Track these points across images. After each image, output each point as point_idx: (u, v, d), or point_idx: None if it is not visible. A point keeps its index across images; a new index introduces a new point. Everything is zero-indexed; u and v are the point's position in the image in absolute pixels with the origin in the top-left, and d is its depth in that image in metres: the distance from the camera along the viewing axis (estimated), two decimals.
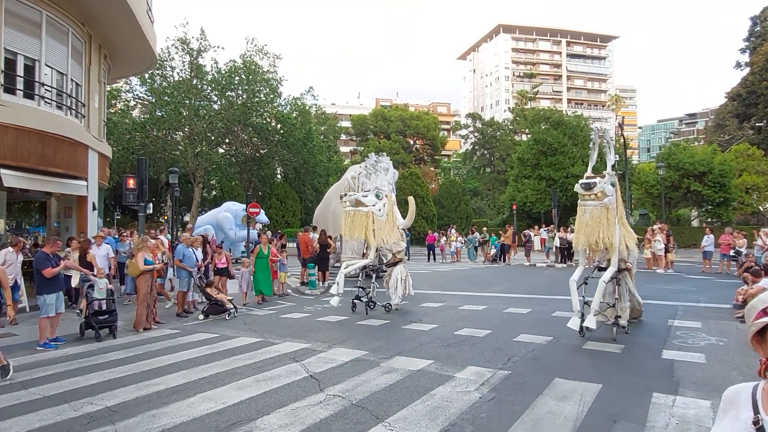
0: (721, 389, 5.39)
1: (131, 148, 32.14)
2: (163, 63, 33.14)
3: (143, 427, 4.62)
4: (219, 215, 25.14)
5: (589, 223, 7.81)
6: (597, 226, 7.74)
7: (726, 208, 32.65)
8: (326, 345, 7.88)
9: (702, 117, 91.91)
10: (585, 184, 7.83)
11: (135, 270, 9.70)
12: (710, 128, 55.56)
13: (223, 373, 6.37)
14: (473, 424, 4.57)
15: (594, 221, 7.77)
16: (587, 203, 7.88)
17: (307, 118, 41.00)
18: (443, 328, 9.00)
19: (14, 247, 10.31)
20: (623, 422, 4.55)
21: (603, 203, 7.74)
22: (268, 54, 37.13)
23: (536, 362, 6.71)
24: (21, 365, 7.02)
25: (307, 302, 12.91)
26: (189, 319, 10.72)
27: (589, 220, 7.83)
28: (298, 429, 4.51)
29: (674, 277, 16.66)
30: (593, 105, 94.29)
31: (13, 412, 5.05)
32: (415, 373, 6.24)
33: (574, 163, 37.26)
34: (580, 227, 8.02)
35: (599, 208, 7.78)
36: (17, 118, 11.60)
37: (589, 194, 7.81)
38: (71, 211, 14.98)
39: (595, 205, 7.80)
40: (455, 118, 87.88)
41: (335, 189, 20.00)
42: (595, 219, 7.77)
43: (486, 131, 63.17)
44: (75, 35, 13.90)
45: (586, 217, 7.88)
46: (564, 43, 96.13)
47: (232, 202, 27.35)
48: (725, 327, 8.70)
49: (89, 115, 14.97)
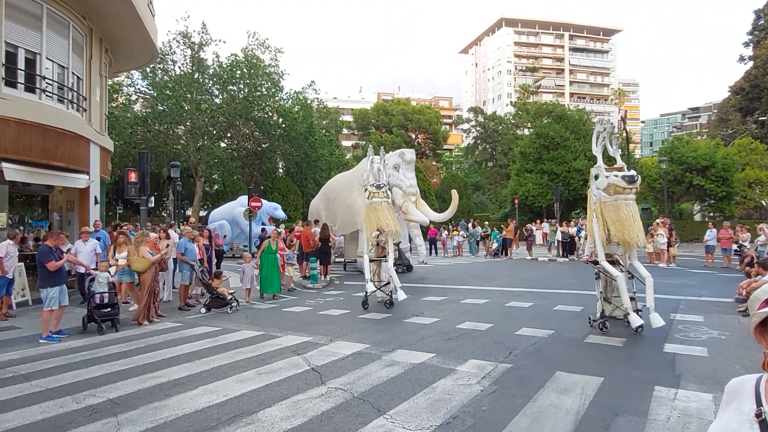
0: (723, 383, 5.39)
1: (133, 143, 32.15)
2: (165, 57, 33.10)
3: (145, 419, 4.64)
4: (235, 210, 25.02)
5: (631, 217, 7.55)
6: (637, 221, 7.56)
7: (729, 203, 32.56)
8: (328, 338, 7.89)
9: (705, 111, 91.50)
10: (630, 177, 7.52)
11: (139, 264, 9.70)
12: (713, 122, 55.33)
13: (225, 366, 6.39)
14: (474, 417, 4.57)
15: (634, 216, 7.58)
16: (629, 197, 7.63)
17: (309, 112, 40.96)
18: (445, 322, 9.00)
19: (14, 239, 10.15)
20: (625, 415, 4.55)
21: (633, 197, 7.65)
22: (270, 48, 37.08)
23: (538, 356, 6.71)
24: (24, 358, 7.06)
25: (309, 296, 12.92)
26: (191, 313, 10.75)
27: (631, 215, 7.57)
28: (300, 421, 4.52)
29: (676, 272, 16.63)
30: (596, 99, 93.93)
31: (15, 404, 5.08)
32: (416, 366, 6.24)
33: (576, 157, 37.17)
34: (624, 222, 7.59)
35: (633, 203, 7.66)
36: (18, 112, 11.58)
37: (632, 188, 7.57)
38: (73, 205, 14.98)
39: (633, 199, 7.66)
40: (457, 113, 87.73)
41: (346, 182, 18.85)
42: (634, 214, 7.60)
43: (488, 125, 63.06)
44: (76, 28, 13.85)
45: (626, 212, 7.57)
46: (567, 37, 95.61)
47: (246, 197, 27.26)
48: (727, 321, 8.69)
49: (90, 109, 14.94)
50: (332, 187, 19.95)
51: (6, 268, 9.67)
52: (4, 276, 9.71)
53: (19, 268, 11.02)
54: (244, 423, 4.50)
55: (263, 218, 24.85)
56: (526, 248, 24.56)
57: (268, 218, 25.39)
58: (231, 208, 25.73)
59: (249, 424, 4.47)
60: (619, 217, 7.69)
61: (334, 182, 20.63)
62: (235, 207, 25.38)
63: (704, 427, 4.27)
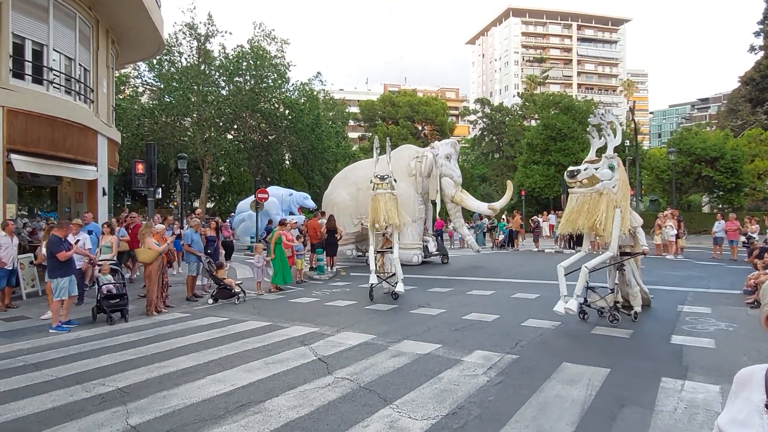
0: (730, 374, 5.37)
1: (140, 134, 32.25)
2: (171, 48, 33.11)
3: (154, 407, 4.69)
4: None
5: (575, 209, 7.79)
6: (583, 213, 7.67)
7: (738, 194, 32.27)
8: (334, 329, 7.93)
9: (714, 102, 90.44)
10: (569, 172, 7.86)
11: (146, 256, 9.76)
12: (723, 113, 54.69)
13: (232, 356, 6.44)
14: (480, 407, 4.59)
15: (579, 207, 7.74)
16: (574, 190, 7.89)
17: (315, 103, 40.86)
18: (451, 313, 9.01)
19: (5, 229, 9.82)
20: (631, 406, 4.55)
21: (594, 189, 7.64)
22: (276, 39, 36.97)
23: (544, 347, 6.71)
24: (34, 347, 7.14)
25: (316, 287, 12.97)
26: (198, 303, 10.82)
27: (575, 207, 7.81)
28: (307, 411, 4.55)
29: (684, 263, 16.54)
30: (604, 90, 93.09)
31: (26, 393, 5.15)
32: (422, 356, 6.26)
33: (583, 148, 36.85)
34: (567, 213, 8.03)
35: (588, 194, 7.70)
36: (26, 104, 11.65)
37: (573, 182, 7.79)
38: (82, 196, 15.10)
39: (584, 192, 7.74)
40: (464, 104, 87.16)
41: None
42: (581, 205, 7.72)
43: (495, 117, 62.63)
44: (82, 20, 13.88)
45: (572, 204, 7.89)
46: (575, 27, 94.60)
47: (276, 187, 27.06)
48: (735, 312, 8.64)
49: (98, 101, 15.01)
50: (361, 177, 18.21)
51: (4, 259, 9.54)
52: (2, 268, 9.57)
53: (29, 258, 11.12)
54: (252, 412, 4.54)
55: (293, 208, 24.54)
56: (533, 240, 24.49)
57: (298, 208, 25.04)
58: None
59: (256, 413, 4.50)
60: (567, 209, 8.07)
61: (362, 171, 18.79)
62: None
63: (711, 418, 4.26)
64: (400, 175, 16.58)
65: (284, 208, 24.20)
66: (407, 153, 17.90)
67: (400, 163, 17.01)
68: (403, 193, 16.28)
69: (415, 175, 16.93)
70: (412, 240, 16.83)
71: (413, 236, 16.91)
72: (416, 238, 17.10)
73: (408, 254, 16.61)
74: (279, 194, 24.87)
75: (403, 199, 16.22)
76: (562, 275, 7.99)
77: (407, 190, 16.57)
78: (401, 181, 16.51)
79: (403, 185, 16.47)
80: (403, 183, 16.55)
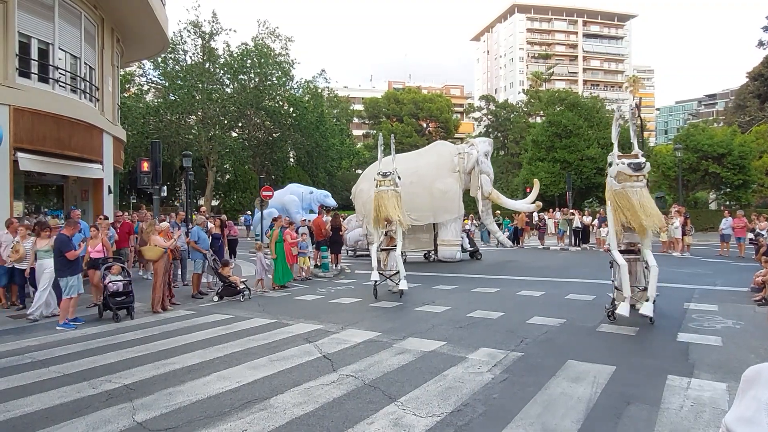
0: (737, 372, 5.35)
1: (145, 132, 32.39)
2: (176, 46, 33.20)
3: (160, 404, 4.71)
4: (284, 198, 24.50)
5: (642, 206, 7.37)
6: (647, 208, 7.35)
7: (745, 191, 32.03)
8: (339, 326, 7.94)
9: (722, 98, 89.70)
10: (636, 164, 7.38)
11: (152, 253, 9.80)
12: (730, 109, 54.24)
13: (237, 353, 6.46)
14: (485, 405, 4.58)
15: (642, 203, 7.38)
16: (635, 185, 7.46)
17: (320, 101, 40.90)
18: (456, 310, 9.01)
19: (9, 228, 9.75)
20: (637, 404, 4.53)
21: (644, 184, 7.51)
22: (280, 37, 36.99)
23: (549, 344, 6.69)
24: (41, 344, 7.19)
25: (321, 284, 12.99)
26: (204, 301, 10.86)
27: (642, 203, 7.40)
28: (312, 407, 4.56)
29: (691, 261, 16.45)
30: (610, 86, 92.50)
31: (34, 390, 5.19)
32: (427, 354, 6.26)
33: (589, 145, 36.78)
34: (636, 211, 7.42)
35: (645, 189, 7.52)
36: (32, 102, 11.71)
37: (639, 175, 7.42)
38: (87, 195, 15.17)
39: (642, 186, 7.50)
40: (468, 101, 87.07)
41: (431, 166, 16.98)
42: (648, 201, 7.44)
43: (500, 113, 62.49)
44: (87, 18, 13.92)
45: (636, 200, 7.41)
46: (580, 23, 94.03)
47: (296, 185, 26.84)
48: (742, 310, 8.59)
49: (103, 99, 15.07)
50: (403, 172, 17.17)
51: (4, 257, 9.47)
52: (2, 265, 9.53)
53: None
54: (257, 409, 4.56)
55: (313, 205, 24.39)
56: (538, 237, 24.42)
57: (318, 206, 24.79)
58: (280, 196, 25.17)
59: (261, 410, 4.52)
60: (630, 204, 7.57)
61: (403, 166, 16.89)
62: (284, 195, 24.90)
63: (718, 416, 4.24)
64: (445, 171, 16.73)
65: (304, 206, 24.00)
66: (447, 150, 17.88)
67: (443, 160, 17.06)
68: (450, 189, 16.46)
69: (458, 171, 16.93)
70: (454, 236, 16.93)
71: (455, 233, 17.00)
72: (458, 234, 17.20)
73: (451, 251, 16.77)
74: (299, 192, 24.68)
75: (449, 195, 16.40)
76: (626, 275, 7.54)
77: (453, 186, 16.64)
78: (447, 177, 16.66)
79: (449, 181, 16.59)
80: (449, 179, 16.61)
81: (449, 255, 16.78)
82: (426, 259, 17.87)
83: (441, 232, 16.89)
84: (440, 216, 16.58)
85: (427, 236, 17.51)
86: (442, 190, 16.38)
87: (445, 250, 16.85)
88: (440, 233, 16.91)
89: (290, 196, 24.36)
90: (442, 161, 16.99)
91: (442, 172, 16.73)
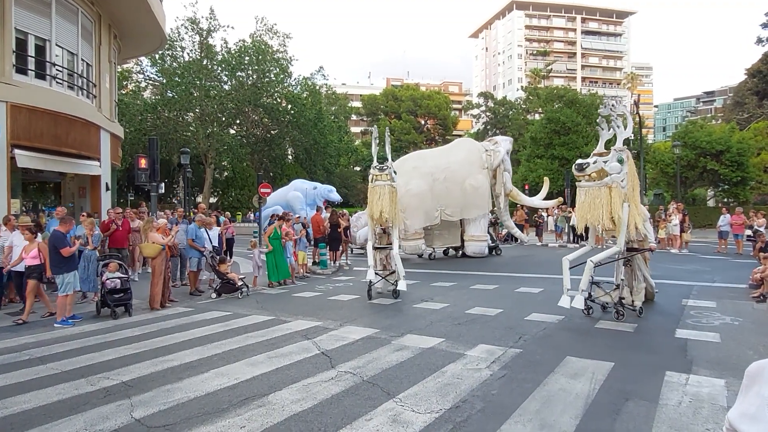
0: (735, 368, 5.36)
1: (143, 130, 32.29)
2: (173, 43, 33.09)
3: (158, 401, 4.70)
4: (289, 195, 24.34)
5: (585, 203, 7.70)
6: (595, 207, 7.57)
7: (743, 188, 32.06)
8: (337, 323, 7.93)
9: (720, 95, 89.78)
10: (578, 165, 7.72)
11: (150, 250, 9.77)
12: (728, 106, 54.31)
13: (235, 350, 6.45)
14: (484, 401, 4.58)
15: (590, 201, 7.63)
16: (582, 184, 7.78)
17: (318, 98, 40.80)
18: (454, 307, 9.01)
19: (7, 225, 9.62)
20: (635, 400, 4.53)
21: (603, 182, 7.52)
22: (278, 33, 36.88)
23: (547, 341, 6.69)
24: (39, 341, 7.17)
25: (319, 281, 12.98)
26: (202, 298, 10.85)
27: (585, 201, 7.71)
28: (310, 404, 4.55)
29: (689, 257, 16.48)
30: (608, 83, 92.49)
31: (32, 386, 5.17)
32: (426, 350, 6.26)
33: (587, 142, 36.72)
34: (578, 208, 7.95)
35: (597, 188, 7.59)
36: (30, 99, 11.66)
37: (581, 175, 7.68)
38: (85, 192, 15.14)
39: (592, 185, 7.63)
40: (467, 98, 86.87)
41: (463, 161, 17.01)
42: (592, 199, 7.62)
43: (498, 110, 62.46)
44: (84, 14, 13.86)
45: (582, 198, 7.79)
46: (579, 20, 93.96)
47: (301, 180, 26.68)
48: (740, 307, 8.60)
49: (100, 96, 15.01)
50: (435, 166, 17.08)
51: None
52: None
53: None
54: (255, 405, 4.55)
55: (318, 201, 24.22)
56: (536, 234, 24.42)
57: (323, 201, 24.50)
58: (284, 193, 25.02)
59: (260, 407, 4.51)
60: (578, 204, 7.96)
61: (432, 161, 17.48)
62: (288, 191, 24.79)
63: (716, 412, 4.24)
64: (475, 168, 16.92)
65: (309, 202, 23.85)
66: (475, 147, 18.00)
67: (473, 157, 17.24)
68: (481, 185, 16.68)
69: (486, 168, 17.09)
70: (482, 232, 17.12)
71: (483, 228, 17.21)
72: (485, 230, 17.45)
73: (480, 246, 16.96)
74: (303, 188, 24.52)
75: (480, 191, 16.65)
76: (566, 268, 7.95)
77: (483, 183, 16.83)
78: (477, 173, 16.82)
79: (480, 177, 16.78)
80: (480, 175, 16.81)
81: (478, 250, 16.95)
82: (445, 255, 18.18)
83: (469, 227, 17.00)
84: (469, 212, 16.76)
85: (452, 232, 17.77)
86: (474, 186, 16.60)
87: (474, 246, 17.02)
88: (468, 229, 17.03)
89: (294, 192, 24.22)
90: (472, 158, 17.19)
91: (473, 169, 16.94)
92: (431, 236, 17.68)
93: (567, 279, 7.90)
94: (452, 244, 17.92)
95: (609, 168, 7.51)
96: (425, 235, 17.04)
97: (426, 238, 17.11)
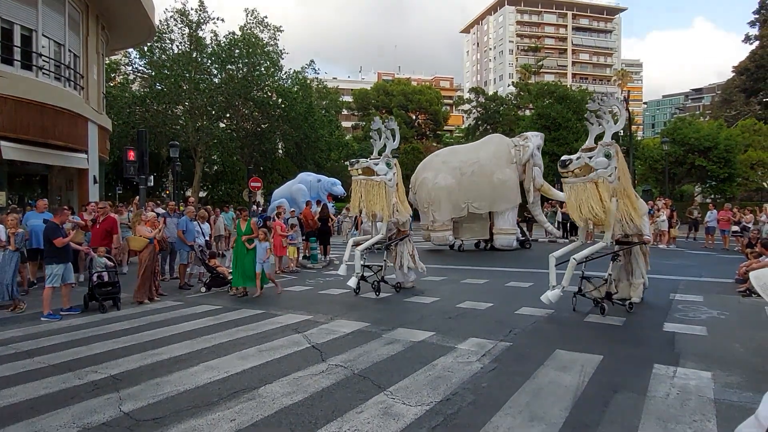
0: (721, 361, 5.43)
1: (131, 123, 31.86)
2: (162, 35, 32.64)
3: (147, 394, 4.67)
4: (293, 187, 23.88)
5: (573, 199, 7.72)
6: (581, 203, 7.57)
7: (730, 184, 32.49)
8: (328, 317, 7.92)
9: (708, 92, 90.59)
10: (562, 161, 7.73)
11: (137, 243, 9.68)
12: (716, 103, 54.90)
13: (225, 344, 6.42)
14: (474, 394, 4.60)
15: (577, 198, 7.64)
16: (567, 180, 7.79)
17: (309, 92, 40.52)
18: (445, 301, 9.03)
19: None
20: (624, 392, 4.58)
21: (588, 178, 7.51)
22: (269, 26, 36.54)
23: (537, 334, 6.74)
24: (26, 335, 7.09)
25: (309, 275, 12.95)
26: (191, 292, 10.78)
27: (572, 197, 7.74)
28: (301, 397, 4.54)
29: (676, 253, 16.65)
30: (598, 80, 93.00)
31: (18, 380, 5.11)
32: (416, 344, 6.27)
33: (578, 138, 36.91)
34: (568, 207, 8.00)
35: (582, 184, 7.58)
36: (15, 89, 11.47)
37: (566, 172, 7.67)
38: (72, 185, 14.95)
39: (576, 181, 7.64)
40: (458, 93, 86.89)
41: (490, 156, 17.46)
42: (579, 195, 7.62)
43: (489, 106, 62.39)
44: (72, 5, 13.64)
45: (569, 194, 7.84)
46: (570, 16, 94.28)
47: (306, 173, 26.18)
48: (727, 301, 8.72)
49: (88, 87, 14.80)
50: (463, 161, 17.79)
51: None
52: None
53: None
54: (245, 399, 4.53)
55: (321, 194, 23.95)
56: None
57: (327, 195, 24.19)
58: (289, 186, 24.71)
59: (250, 400, 4.49)
60: (566, 200, 8.09)
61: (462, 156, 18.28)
62: (292, 185, 24.44)
63: (703, 403, 4.29)
64: (504, 162, 17.25)
65: (312, 195, 23.60)
66: (504, 142, 18.18)
67: (501, 151, 17.52)
68: (509, 179, 16.99)
69: (515, 162, 17.29)
70: (511, 225, 17.49)
71: (512, 221, 17.58)
72: (514, 223, 17.82)
73: (508, 239, 17.34)
74: (307, 180, 24.18)
75: (509, 185, 16.95)
76: (552, 265, 8.00)
77: (511, 176, 17.08)
78: (505, 167, 17.17)
79: (508, 171, 17.08)
80: (508, 169, 17.10)
81: (506, 243, 17.31)
82: (477, 248, 18.73)
83: (498, 221, 17.37)
84: (498, 205, 17.15)
85: (480, 225, 18.19)
86: (502, 180, 16.95)
87: (502, 239, 17.37)
88: (497, 222, 17.41)
89: (298, 185, 23.91)
90: (501, 152, 17.51)
91: (501, 163, 17.29)
92: (460, 228, 18.37)
93: (553, 276, 7.95)
94: (481, 237, 18.48)
95: (594, 163, 7.42)
96: (453, 227, 17.80)
97: (454, 230, 17.89)
